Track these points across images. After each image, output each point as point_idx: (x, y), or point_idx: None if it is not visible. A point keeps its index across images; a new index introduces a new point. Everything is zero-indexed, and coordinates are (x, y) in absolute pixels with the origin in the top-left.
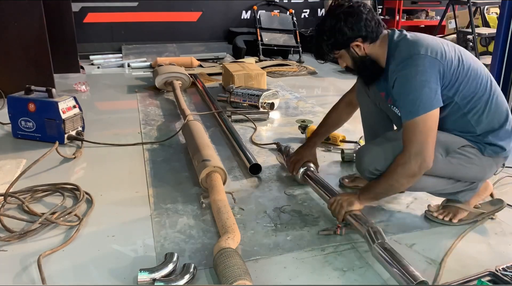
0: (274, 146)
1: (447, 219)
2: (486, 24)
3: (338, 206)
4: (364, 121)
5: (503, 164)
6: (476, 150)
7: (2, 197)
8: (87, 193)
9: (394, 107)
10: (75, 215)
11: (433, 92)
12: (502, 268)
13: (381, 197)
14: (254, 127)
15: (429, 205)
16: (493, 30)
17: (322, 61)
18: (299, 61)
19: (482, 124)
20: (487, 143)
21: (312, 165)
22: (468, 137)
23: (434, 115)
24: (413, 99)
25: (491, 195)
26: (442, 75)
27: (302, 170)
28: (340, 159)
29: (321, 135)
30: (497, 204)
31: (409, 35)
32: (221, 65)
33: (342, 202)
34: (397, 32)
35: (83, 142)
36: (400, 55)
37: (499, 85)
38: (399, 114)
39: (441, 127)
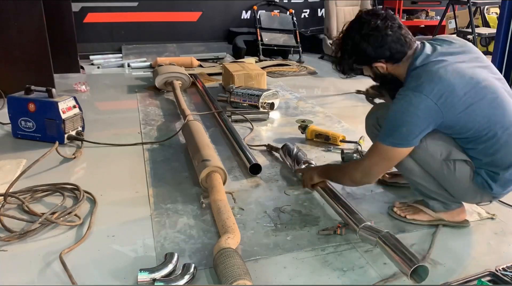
0: (264, 147)
1: (402, 215)
2: (486, 24)
3: (307, 180)
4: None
5: (490, 201)
6: (470, 171)
7: (2, 197)
8: (88, 193)
9: None
10: (75, 215)
11: (410, 134)
12: (502, 268)
13: (331, 181)
14: (252, 127)
15: (394, 202)
16: (493, 30)
17: (343, 76)
18: (299, 61)
19: (480, 160)
20: (480, 174)
21: (312, 162)
22: (471, 154)
23: (398, 152)
24: (389, 129)
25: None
26: (437, 122)
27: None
28: (340, 159)
29: None
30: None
31: (435, 60)
32: (221, 65)
33: (306, 174)
34: (424, 54)
35: (83, 142)
36: (409, 83)
37: None
38: None
39: (461, 140)
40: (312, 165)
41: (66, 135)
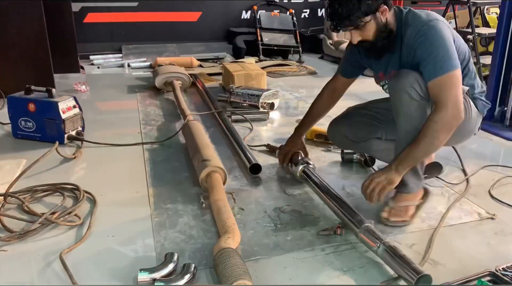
0: (264, 147)
1: (401, 220)
2: (486, 24)
3: (378, 187)
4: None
5: (479, 128)
6: (471, 100)
7: (2, 197)
8: (88, 193)
9: (386, 87)
10: (75, 215)
11: (455, 51)
12: (502, 268)
13: (419, 161)
14: (252, 127)
15: (381, 213)
16: (493, 30)
17: (346, 27)
18: (299, 61)
19: (475, 83)
20: (477, 98)
21: (310, 162)
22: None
23: (460, 71)
24: (444, 56)
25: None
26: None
27: (301, 167)
28: (340, 159)
29: (307, 124)
30: (437, 166)
31: (415, 10)
32: (221, 65)
33: (380, 182)
34: (401, 7)
35: (83, 142)
36: (419, 21)
37: (499, 85)
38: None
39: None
40: (310, 165)
41: (66, 135)
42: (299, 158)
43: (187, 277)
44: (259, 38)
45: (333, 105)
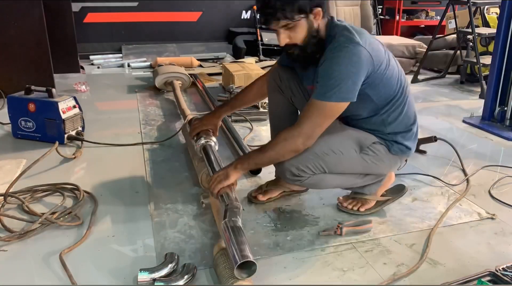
0: None
1: (355, 208)
2: (486, 24)
3: (215, 181)
4: (272, 114)
5: (406, 160)
6: (384, 147)
7: (2, 197)
8: (89, 193)
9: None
10: (75, 215)
11: (355, 86)
12: (502, 268)
13: (260, 166)
14: (252, 127)
15: (338, 197)
16: (493, 30)
17: (278, 21)
18: None
19: (393, 124)
20: (395, 141)
21: (214, 139)
22: (378, 134)
23: (342, 107)
24: (334, 84)
25: None
26: (369, 73)
27: (202, 141)
28: None
29: (231, 107)
30: (401, 189)
31: (348, 24)
32: (221, 65)
33: (218, 176)
34: (335, 18)
35: (83, 142)
36: (340, 39)
37: (499, 85)
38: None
39: (354, 123)
40: (212, 142)
41: (66, 135)
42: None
43: (187, 277)
44: (259, 38)
45: (262, 99)
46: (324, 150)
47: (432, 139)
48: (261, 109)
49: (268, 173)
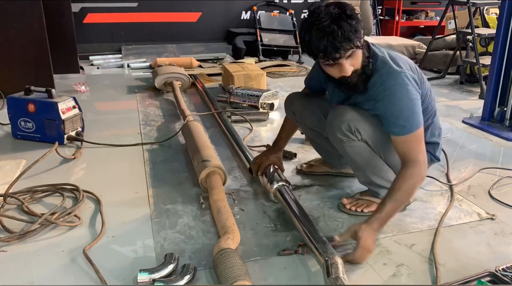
0: (264, 148)
1: (359, 210)
2: (485, 24)
3: (363, 257)
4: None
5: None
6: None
7: (2, 197)
8: (90, 192)
9: None
10: (75, 215)
11: (420, 108)
12: (502, 269)
13: (392, 217)
14: (251, 128)
15: (342, 199)
16: (492, 31)
17: (332, 60)
18: (299, 62)
19: (427, 135)
20: (428, 151)
21: (287, 181)
22: None
23: (422, 130)
24: (408, 116)
25: None
26: (419, 91)
27: (276, 185)
28: None
29: (284, 139)
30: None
31: (381, 49)
32: (221, 66)
33: (364, 252)
34: (370, 43)
35: (83, 142)
36: (388, 72)
37: (498, 85)
38: None
39: None
40: (285, 184)
41: (65, 136)
42: (275, 172)
43: (186, 277)
44: (259, 39)
45: None
46: (375, 122)
47: None
48: (261, 110)
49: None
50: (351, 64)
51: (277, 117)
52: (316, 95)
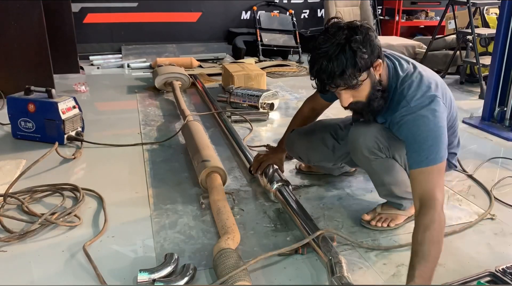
0: (264, 148)
1: (385, 225)
2: (485, 24)
3: None
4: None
5: None
6: None
7: (2, 197)
8: (92, 191)
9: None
10: (75, 215)
11: (446, 139)
12: (501, 269)
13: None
14: (251, 128)
15: (363, 215)
16: (492, 31)
17: (338, 87)
18: (299, 62)
19: (450, 146)
20: (448, 160)
21: (288, 181)
22: None
23: (445, 161)
24: (433, 146)
25: None
26: (447, 116)
27: (276, 185)
28: None
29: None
30: None
31: (408, 66)
32: (221, 66)
33: None
34: (387, 57)
35: (83, 142)
36: (415, 98)
37: (498, 85)
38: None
39: None
40: (285, 185)
41: (65, 136)
42: (274, 172)
43: (186, 277)
44: (259, 39)
45: (314, 120)
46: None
47: None
48: (261, 110)
49: None
50: (351, 95)
51: (277, 117)
52: (317, 127)
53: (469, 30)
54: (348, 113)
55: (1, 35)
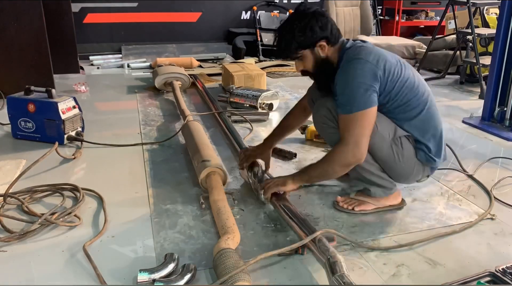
0: None
1: (350, 208)
2: (485, 24)
3: (273, 185)
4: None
5: (428, 176)
6: (412, 148)
7: (2, 197)
8: (92, 190)
9: None
10: (75, 215)
11: (369, 92)
12: (501, 269)
13: (314, 181)
14: (251, 128)
15: (337, 197)
16: (492, 31)
17: (283, 59)
18: None
19: (405, 123)
20: (421, 149)
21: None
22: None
23: (370, 113)
24: (350, 97)
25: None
26: (379, 80)
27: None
28: None
29: (277, 136)
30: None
31: (360, 43)
32: (221, 66)
33: (275, 182)
34: (350, 41)
35: (83, 142)
36: (347, 56)
37: (498, 85)
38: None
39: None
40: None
41: (65, 136)
42: (260, 171)
43: (186, 277)
44: (259, 39)
45: (304, 121)
46: None
47: None
48: (260, 110)
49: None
50: (300, 64)
51: (277, 117)
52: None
53: (469, 30)
54: None
55: (1, 35)
